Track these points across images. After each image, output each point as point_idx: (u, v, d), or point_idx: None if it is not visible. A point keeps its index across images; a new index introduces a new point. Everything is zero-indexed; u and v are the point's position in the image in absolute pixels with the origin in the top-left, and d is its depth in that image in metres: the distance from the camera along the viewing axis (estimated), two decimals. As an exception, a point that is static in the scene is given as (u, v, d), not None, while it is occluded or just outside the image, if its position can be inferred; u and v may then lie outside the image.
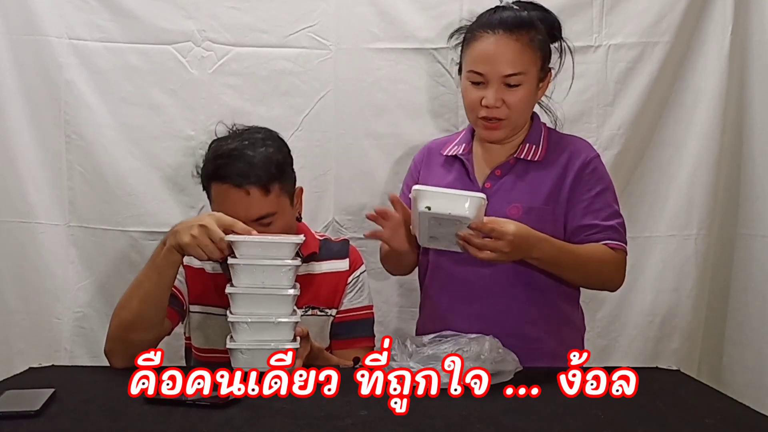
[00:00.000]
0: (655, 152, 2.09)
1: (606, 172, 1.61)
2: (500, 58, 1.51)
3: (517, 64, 1.50)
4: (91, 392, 1.25)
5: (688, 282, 2.08)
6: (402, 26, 2.06)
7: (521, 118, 1.57)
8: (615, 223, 1.55)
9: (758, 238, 2.00)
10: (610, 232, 1.54)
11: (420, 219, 1.37)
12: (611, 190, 1.59)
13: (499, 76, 1.51)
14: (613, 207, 1.57)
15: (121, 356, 1.44)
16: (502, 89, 1.52)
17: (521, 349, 1.42)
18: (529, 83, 1.53)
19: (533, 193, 1.56)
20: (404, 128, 2.07)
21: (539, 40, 1.54)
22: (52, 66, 2.03)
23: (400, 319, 2.09)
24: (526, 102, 1.55)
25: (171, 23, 2.05)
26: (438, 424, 1.10)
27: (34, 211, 2.06)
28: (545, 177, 1.57)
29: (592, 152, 1.61)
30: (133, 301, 1.43)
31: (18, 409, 1.11)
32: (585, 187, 1.56)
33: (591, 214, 1.55)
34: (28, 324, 2.07)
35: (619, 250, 1.54)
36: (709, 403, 1.25)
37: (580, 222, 1.55)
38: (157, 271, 1.41)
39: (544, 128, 1.64)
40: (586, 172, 1.56)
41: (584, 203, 1.55)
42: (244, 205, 1.48)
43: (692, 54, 2.05)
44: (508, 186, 1.58)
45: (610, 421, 1.12)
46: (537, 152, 1.58)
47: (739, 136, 2.07)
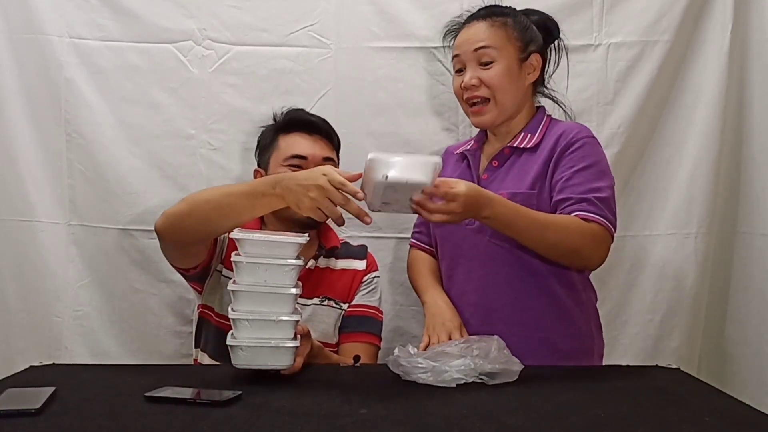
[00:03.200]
0: (655, 151, 2.09)
1: (596, 152, 1.56)
2: (471, 38, 1.60)
3: (484, 39, 1.57)
4: (91, 390, 1.25)
5: (688, 280, 2.08)
6: (402, 25, 2.06)
7: (506, 97, 1.58)
8: (591, 197, 1.48)
9: (758, 236, 2.00)
10: (584, 204, 1.47)
11: (375, 186, 1.30)
12: (597, 167, 1.53)
13: (470, 53, 1.58)
14: (593, 183, 1.49)
15: (169, 233, 1.51)
16: (477, 69, 1.58)
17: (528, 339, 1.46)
18: (504, 60, 1.57)
19: (521, 179, 1.57)
20: (404, 127, 2.08)
21: (517, 25, 1.60)
22: (53, 65, 2.03)
23: (399, 318, 2.09)
24: (503, 78, 1.57)
25: (171, 22, 2.05)
26: (438, 422, 1.10)
27: (34, 209, 2.06)
28: (533, 162, 1.58)
29: (584, 133, 1.57)
30: (212, 200, 1.46)
31: (19, 407, 1.11)
32: (567, 165, 1.53)
33: (567, 189, 1.50)
34: (29, 322, 2.08)
35: (592, 221, 1.46)
36: (709, 402, 1.25)
37: (556, 197, 1.51)
38: (251, 201, 1.42)
39: (546, 119, 1.65)
40: (570, 149, 1.54)
41: (563, 179, 1.52)
42: (314, 148, 1.73)
43: (692, 53, 2.05)
44: (503, 175, 1.61)
45: (610, 420, 1.12)
46: (531, 139, 1.60)
47: (738, 134, 2.07)
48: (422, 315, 2.07)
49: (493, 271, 1.58)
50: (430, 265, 1.74)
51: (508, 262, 1.57)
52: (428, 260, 1.75)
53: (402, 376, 1.33)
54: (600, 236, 1.47)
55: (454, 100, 2.03)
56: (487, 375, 1.30)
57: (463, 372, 1.30)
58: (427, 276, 1.71)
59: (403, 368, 1.33)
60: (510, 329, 1.48)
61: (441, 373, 1.29)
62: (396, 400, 1.20)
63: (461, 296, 1.62)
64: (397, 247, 2.07)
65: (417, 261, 1.76)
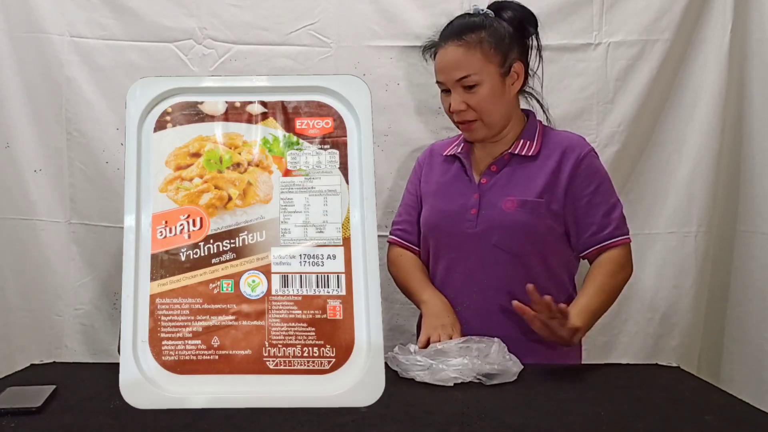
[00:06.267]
0: (655, 149, 2.09)
1: (600, 165, 1.63)
2: (450, 65, 1.58)
3: (464, 67, 1.56)
4: (92, 389, 1.25)
5: (687, 279, 2.08)
6: (402, 24, 2.06)
7: (493, 116, 1.59)
8: (614, 217, 1.59)
9: (758, 235, 2.00)
10: (610, 228, 1.57)
11: None
12: (608, 181, 1.62)
13: (453, 82, 1.57)
14: (610, 201, 1.60)
15: None
16: (462, 93, 1.58)
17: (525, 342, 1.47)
18: (488, 82, 1.56)
19: (527, 186, 1.58)
20: (404, 126, 2.08)
21: (492, 39, 1.57)
22: (54, 63, 2.04)
23: (399, 317, 2.09)
24: (489, 100, 1.57)
25: (172, 21, 2.05)
26: (437, 420, 1.10)
27: (35, 208, 2.07)
28: (539, 171, 1.59)
29: (586, 147, 1.62)
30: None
31: (19, 405, 1.11)
32: (582, 184, 1.58)
33: (591, 210, 1.58)
34: (30, 321, 2.08)
35: (622, 244, 1.59)
36: (709, 400, 1.25)
37: (582, 221, 1.58)
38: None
39: (539, 125, 1.66)
40: (582, 168, 1.58)
41: (584, 200, 1.58)
42: None
43: (692, 52, 2.06)
44: (504, 181, 1.61)
45: (610, 418, 1.12)
46: (531, 147, 1.61)
47: (738, 133, 2.08)
48: (422, 313, 2.08)
49: (495, 275, 1.59)
50: (419, 265, 1.73)
51: (510, 267, 1.58)
52: (415, 259, 1.74)
53: (399, 373, 1.33)
54: (629, 253, 1.61)
55: (454, 99, 2.05)
56: (485, 376, 1.30)
57: (460, 371, 1.30)
58: (419, 276, 1.70)
59: (401, 365, 1.34)
60: (508, 332, 1.48)
61: (438, 372, 1.30)
62: (395, 398, 1.20)
63: (458, 298, 1.62)
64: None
65: (404, 260, 1.75)
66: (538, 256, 1.59)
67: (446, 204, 1.65)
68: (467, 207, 1.62)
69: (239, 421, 1.08)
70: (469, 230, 1.60)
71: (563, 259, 1.64)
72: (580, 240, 1.60)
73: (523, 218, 1.56)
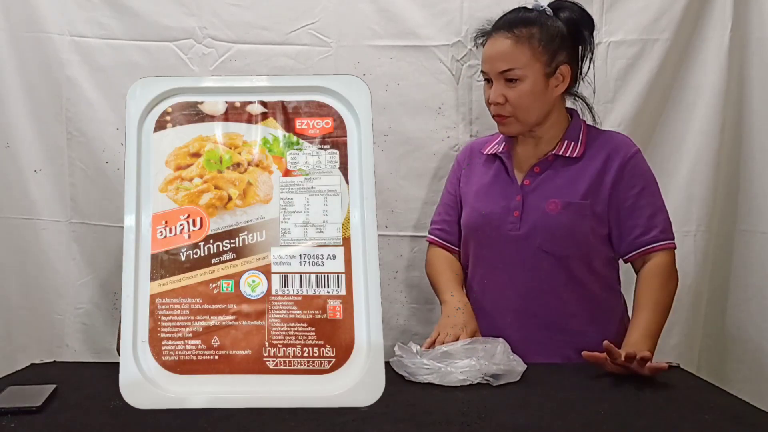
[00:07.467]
0: (655, 149, 2.08)
1: (647, 167, 1.62)
2: (496, 56, 1.57)
3: (509, 60, 1.55)
4: (92, 389, 1.26)
5: (687, 278, 2.08)
6: (403, 23, 2.06)
7: (529, 114, 1.58)
8: (660, 220, 1.58)
9: (758, 234, 2.00)
10: (656, 232, 1.57)
11: None
12: (654, 183, 1.61)
13: (496, 73, 1.56)
14: (656, 204, 1.59)
15: None
16: (503, 86, 1.57)
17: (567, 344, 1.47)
18: (530, 79, 1.55)
19: (571, 188, 1.57)
20: (405, 126, 2.07)
21: (543, 36, 1.56)
22: (54, 63, 2.03)
23: (399, 316, 2.08)
24: (528, 97, 1.56)
25: (172, 20, 2.05)
26: (438, 419, 1.10)
27: (35, 207, 2.06)
28: (583, 172, 1.58)
29: (632, 148, 1.61)
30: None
31: (20, 405, 1.11)
32: (627, 185, 1.57)
33: (635, 213, 1.57)
34: (30, 320, 2.08)
35: (667, 249, 1.58)
36: (709, 399, 1.26)
37: (625, 223, 1.58)
38: None
39: (583, 125, 1.66)
40: (627, 169, 1.57)
41: (628, 202, 1.57)
42: None
43: (692, 51, 2.05)
44: (547, 182, 1.60)
45: (610, 417, 1.13)
46: (576, 148, 1.60)
47: (738, 132, 2.07)
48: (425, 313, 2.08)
49: (538, 278, 1.58)
50: (452, 265, 1.73)
51: (555, 270, 1.57)
52: (450, 259, 1.74)
53: (406, 377, 1.33)
54: (672, 261, 1.60)
55: (454, 99, 2.05)
56: (492, 376, 1.31)
57: (468, 373, 1.30)
58: (449, 276, 1.69)
59: (407, 369, 1.33)
60: (552, 336, 1.48)
61: (446, 375, 1.30)
62: (396, 397, 1.20)
63: (500, 302, 1.62)
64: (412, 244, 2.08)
65: (439, 260, 1.74)
66: (582, 259, 1.58)
67: (488, 206, 1.64)
68: (510, 209, 1.61)
69: (239, 421, 1.08)
70: (511, 232, 1.59)
71: (607, 260, 1.63)
72: (623, 243, 1.58)
73: (566, 220, 1.55)
